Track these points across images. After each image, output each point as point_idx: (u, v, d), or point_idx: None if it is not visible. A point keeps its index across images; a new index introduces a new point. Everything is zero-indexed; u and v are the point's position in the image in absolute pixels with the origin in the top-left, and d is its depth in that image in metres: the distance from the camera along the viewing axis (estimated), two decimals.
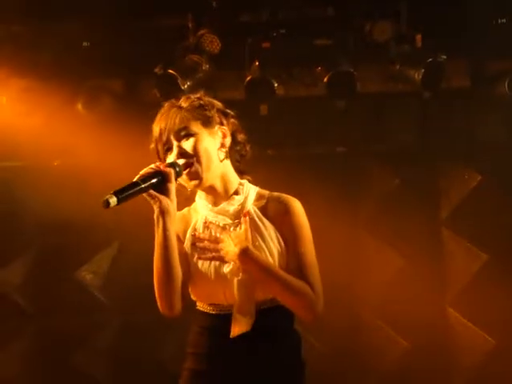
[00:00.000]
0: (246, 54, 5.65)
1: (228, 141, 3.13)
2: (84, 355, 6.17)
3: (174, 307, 3.01)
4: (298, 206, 3.08)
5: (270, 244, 3.02)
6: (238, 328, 2.98)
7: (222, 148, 3.11)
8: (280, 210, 3.07)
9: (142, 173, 2.93)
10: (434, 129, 6.13)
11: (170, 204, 2.94)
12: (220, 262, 3.00)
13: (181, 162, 3.02)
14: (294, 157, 6.13)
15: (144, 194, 2.92)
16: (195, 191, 3.14)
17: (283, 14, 5.71)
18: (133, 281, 6.01)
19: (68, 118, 5.77)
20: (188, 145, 3.04)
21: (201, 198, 3.14)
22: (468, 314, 6.01)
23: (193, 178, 3.05)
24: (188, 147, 3.04)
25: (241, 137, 3.20)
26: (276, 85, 5.64)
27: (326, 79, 5.59)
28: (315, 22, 5.72)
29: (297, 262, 3.01)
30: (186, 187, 3.08)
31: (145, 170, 2.94)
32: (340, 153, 6.23)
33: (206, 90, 3.25)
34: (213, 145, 3.08)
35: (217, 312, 3.06)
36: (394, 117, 6.18)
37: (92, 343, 6.20)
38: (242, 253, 2.93)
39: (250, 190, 3.13)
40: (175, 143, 3.05)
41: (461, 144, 6.08)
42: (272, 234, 3.03)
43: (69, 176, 6.04)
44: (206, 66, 5.64)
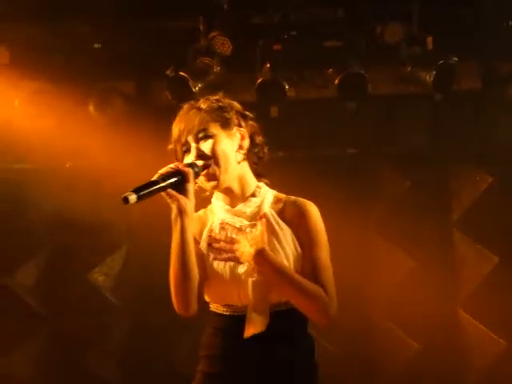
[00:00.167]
0: (257, 56, 5.66)
1: (246, 143, 3.13)
2: (95, 356, 6.18)
3: (189, 307, 3.01)
4: (314, 209, 3.08)
5: (285, 247, 3.01)
6: (251, 329, 2.97)
7: (240, 150, 3.11)
8: (296, 213, 3.06)
9: (161, 172, 2.94)
10: (445, 131, 6.13)
11: (188, 204, 2.94)
12: (235, 263, 2.99)
13: (199, 163, 3.02)
14: (305, 159, 6.13)
15: (162, 193, 2.92)
16: (212, 192, 3.14)
17: (294, 16, 5.71)
18: (144, 282, 6.04)
19: (80, 119, 5.78)
20: (206, 146, 3.04)
21: (218, 200, 3.14)
22: (479, 316, 6.00)
23: (210, 179, 3.05)
24: (206, 149, 3.04)
25: (259, 139, 3.19)
26: (287, 87, 5.64)
27: (337, 81, 5.59)
28: (326, 24, 5.72)
29: (312, 266, 3.00)
30: (204, 188, 3.09)
31: (164, 169, 2.94)
32: (351, 155, 6.22)
33: (217, 92, 3.24)
34: (231, 147, 3.08)
35: (231, 313, 3.04)
36: (405, 119, 6.17)
37: (103, 344, 6.21)
38: (257, 254, 2.93)
39: (267, 193, 3.13)
40: (193, 145, 3.05)
41: (472, 146, 6.07)
42: (288, 237, 3.03)
43: (81, 178, 6.06)
44: (217, 68, 5.65)
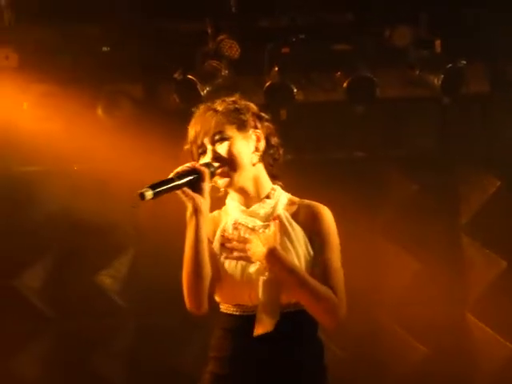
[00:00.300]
0: (266, 60, 5.66)
1: (262, 145, 3.14)
2: (102, 358, 6.19)
3: (201, 306, 3.01)
4: (327, 213, 3.10)
5: (298, 248, 3.02)
6: (261, 328, 2.98)
7: (256, 152, 3.12)
8: (310, 216, 3.08)
9: (177, 170, 2.96)
10: (453, 134, 6.12)
11: (204, 203, 2.96)
12: (247, 262, 3.01)
13: (215, 164, 3.05)
14: (313, 162, 6.13)
15: (178, 191, 2.94)
16: (227, 193, 3.16)
17: (302, 20, 5.71)
18: (151, 285, 6.04)
19: (88, 122, 5.79)
20: (222, 149, 3.06)
21: (233, 200, 3.16)
22: (487, 320, 5.98)
23: (224, 177, 3.07)
24: (222, 151, 3.06)
25: (274, 140, 3.20)
26: (295, 90, 5.64)
27: (345, 84, 5.60)
28: (334, 27, 5.71)
29: (323, 268, 3.01)
30: (218, 187, 3.11)
31: (180, 168, 2.97)
32: (359, 158, 6.22)
33: (225, 95, 3.25)
34: (247, 149, 3.10)
35: (241, 313, 3.05)
36: (413, 122, 6.17)
37: (110, 346, 6.21)
38: (269, 253, 2.95)
39: (282, 196, 3.14)
40: (209, 147, 3.07)
41: (480, 149, 6.07)
42: (301, 239, 3.04)
43: (88, 180, 6.07)
44: (225, 72, 5.66)
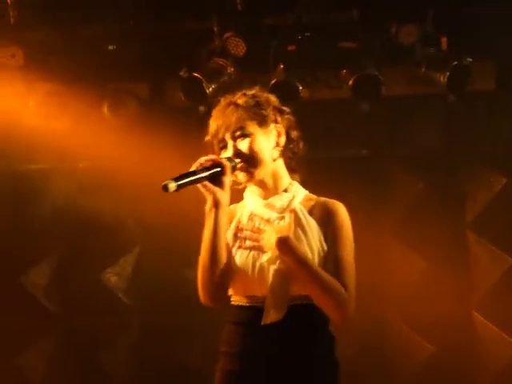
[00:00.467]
0: (271, 57, 5.65)
1: (282, 140, 3.16)
2: (108, 355, 6.21)
3: (215, 298, 3.04)
4: (342, 209, 3.12)
5: (311, 241, 3.03)
6: (269, 317, 2.98)
7: (277, 147, 3.15)
8: (325, 212, 3.10)
9: (200, 161, 2.98)
10: (459, 132, 6.11)
11: (224, 196, 2.99)
12: (259, 252, 3.02)
13: (237, 160, 3.07)
14: (318, 160, 6.10)
15: (199, 184, 2.96)
16: (245, 186, 3.17)
17: (308, 17, 5.69)
18: (156, 283, 6.05)
19: (93, 120, 5.80)
20: (243, 145, 3.08)
21: (251, 193, 3.17)
22: (493, 318, 5.98)
23: (245, 172, 3.09)
24: (243, 148, 3.07)
25: (294, 134, 3.21)
26: (301, 88, 5.64)
27: (351, 82, 5.59)
28: (340, 24, 5.70)
29: (335, 263, 3.02)
30: (238, 181, 3.12)
31: (204, 159, 2.99)
32: (364, 156, 6.22)
33: (230, 93, 3.24)
34: (267, 144, 3.11)
35: (251, 304, 3.06)
36: (419, 120, 6.16)
37: (116, 344, 6.24)
38: (281, 241, 2.95)
39: (300, 191, 3.17)
40: (230, 142, 3.09)
41: (486, 147, 6.06)
42: (315, 233, 3.05)
43: (94, 178, 6.08)
44: (230, 69, 5.66)
